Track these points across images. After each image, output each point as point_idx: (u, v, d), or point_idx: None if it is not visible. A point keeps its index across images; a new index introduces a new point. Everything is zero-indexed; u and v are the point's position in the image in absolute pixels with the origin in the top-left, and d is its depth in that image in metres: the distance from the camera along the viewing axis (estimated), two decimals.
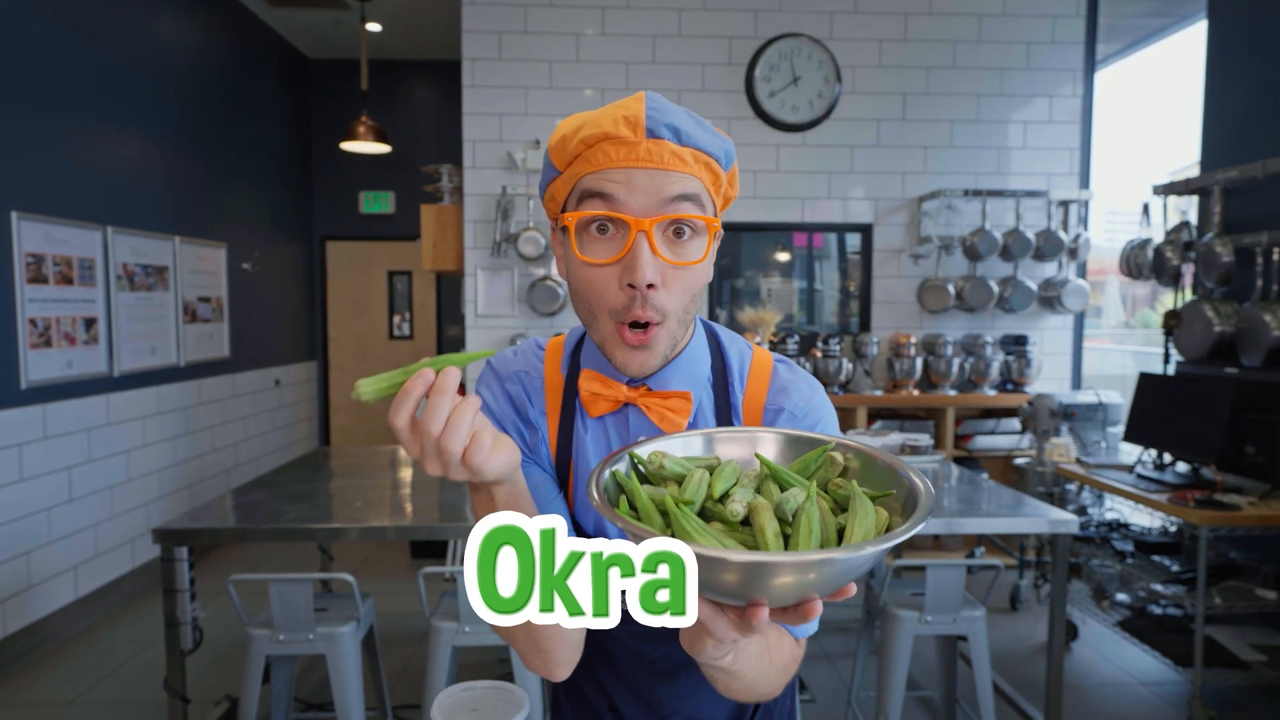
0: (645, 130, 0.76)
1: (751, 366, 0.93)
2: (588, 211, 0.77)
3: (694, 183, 0.78)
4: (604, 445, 0.90)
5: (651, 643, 0.94)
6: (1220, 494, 2.87)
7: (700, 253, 0.79)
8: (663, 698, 0.97)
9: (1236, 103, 3.39)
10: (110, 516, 3.91)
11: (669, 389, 0.87)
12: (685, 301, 0.81)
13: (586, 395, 0.87)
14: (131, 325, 4.06)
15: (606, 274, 0.78)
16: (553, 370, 0.93)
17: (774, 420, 0.89)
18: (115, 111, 3.98)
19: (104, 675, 3.19)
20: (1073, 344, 4.77)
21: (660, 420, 0.85)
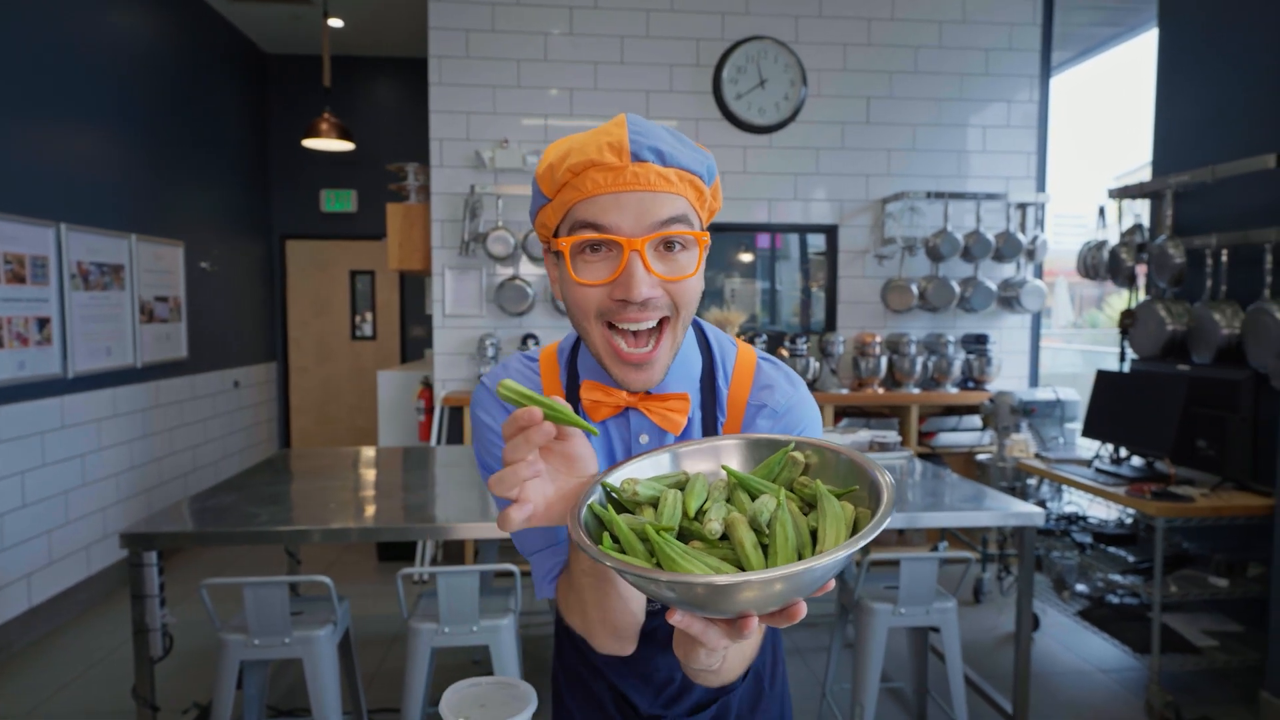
0: (630, 154, 0.79)
1: (736, 363, 0.96)
2: (581, 236, 0.80)
3: (681, 202, 0.81)
4: (606, 446, 0.94)
5: (650, 617, 0.96)
6: (1174, 486, 2.98)
7: (692, 266, 0.82)
8: (660, 668, 1.00)
9: (1186, 110, 3.52)
10: (65, 522, 3.79)
11: (668, 391, 0.90)
12: (685, 312, 0.84)
13: (588, 404, 0.89)
14: (86, 325, 3.94)
15: (600, 291, 0.81)
16: (550, 380, 0.96)
17: (755, 416, 0.93)
18: (68, 106, 3.86)
19: (63, 685, 3.09)
20: (1030, 343, 4.90)
21: (662, 421, 0.88)
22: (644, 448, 0.92)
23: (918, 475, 2.98)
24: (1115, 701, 3.00)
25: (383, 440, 4.82)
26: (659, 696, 1.01)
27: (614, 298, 0.80)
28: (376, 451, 3.47)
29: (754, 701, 1.05)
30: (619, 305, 0.80)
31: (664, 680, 1.01)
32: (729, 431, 0.94)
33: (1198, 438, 3.12)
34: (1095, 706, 2.96)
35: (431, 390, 4.53)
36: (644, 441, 0.93)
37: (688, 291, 0.82)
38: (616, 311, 0.81)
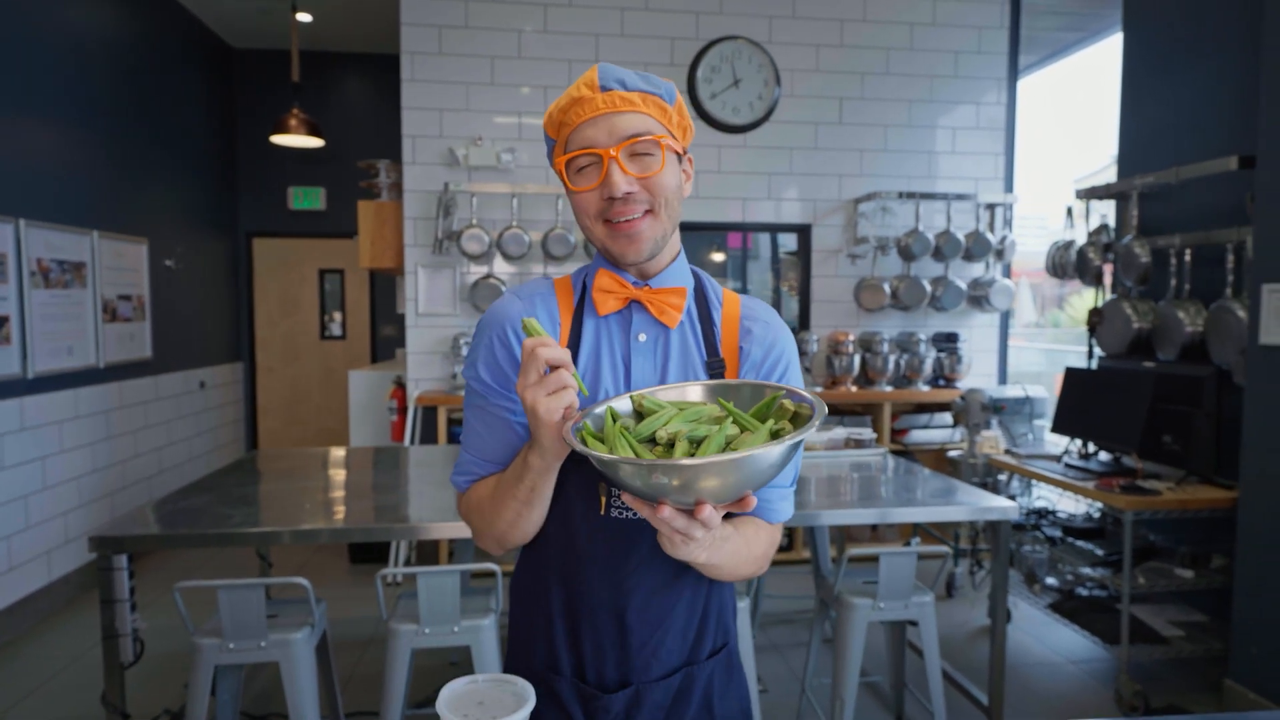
0: (599, 87, 0.98)
1: (724, 294, 1.13)
2: (572, 153, 0.99)
3: (645, 119, 0.99)
4: (608, 339, 1.06)
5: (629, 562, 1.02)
6: (1141, 481, 3.05)
7: (659, 165, 0.98)
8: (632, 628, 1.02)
9: (1151, 112, 3.60)
10: (25, 527, 3.68)
11: (666, 285, 1.05)
12: (664, 199, 0.99)
13: (598, 295, 1.04)
14: (47, 324, 3.83)
15: (592, 195, 0.99)
16: (564, 289, 1.10)
17: (750, 329, 1.08)
18: (27, 100, 3.76)
19: (27, 693, 3.00)
20: (999, 341, 4.98)
21: (660, 314, 1.03)
22: (642, 345, 1.05)
23: (890, 471, 3.01)
24: (1085, 692, 3.06)
25: (354, 441, 4.76)
26: (623, 664, 1.03)
27: (603, 198, 0.98)
28: (348, 452, 3.42)
29: (726, 676, 1.09)
30: (608, 204, 0.98)
31: (631, 645, 1.02)
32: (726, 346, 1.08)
33: (1163, 433, 3.20)
34: (1066, 697, 3.02)
35: (404, 390, 4.48)
36: (641, 340, 1.05)
37: (660, 184, 0.99)
38: (608, 210, 0.98)
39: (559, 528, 1.03)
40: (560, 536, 1.04)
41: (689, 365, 1.05)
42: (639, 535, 1.00)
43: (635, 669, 1.03)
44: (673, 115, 1.02)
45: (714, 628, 1.08)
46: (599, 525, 1.01)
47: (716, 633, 1.08)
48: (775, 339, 1.07)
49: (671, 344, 1.05)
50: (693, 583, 1.05)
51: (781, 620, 3.71)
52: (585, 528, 1.01)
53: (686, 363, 1.05)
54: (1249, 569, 2.76)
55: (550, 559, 1.05)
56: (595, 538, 1.01)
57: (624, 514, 1.00)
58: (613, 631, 1.02)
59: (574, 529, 1.02)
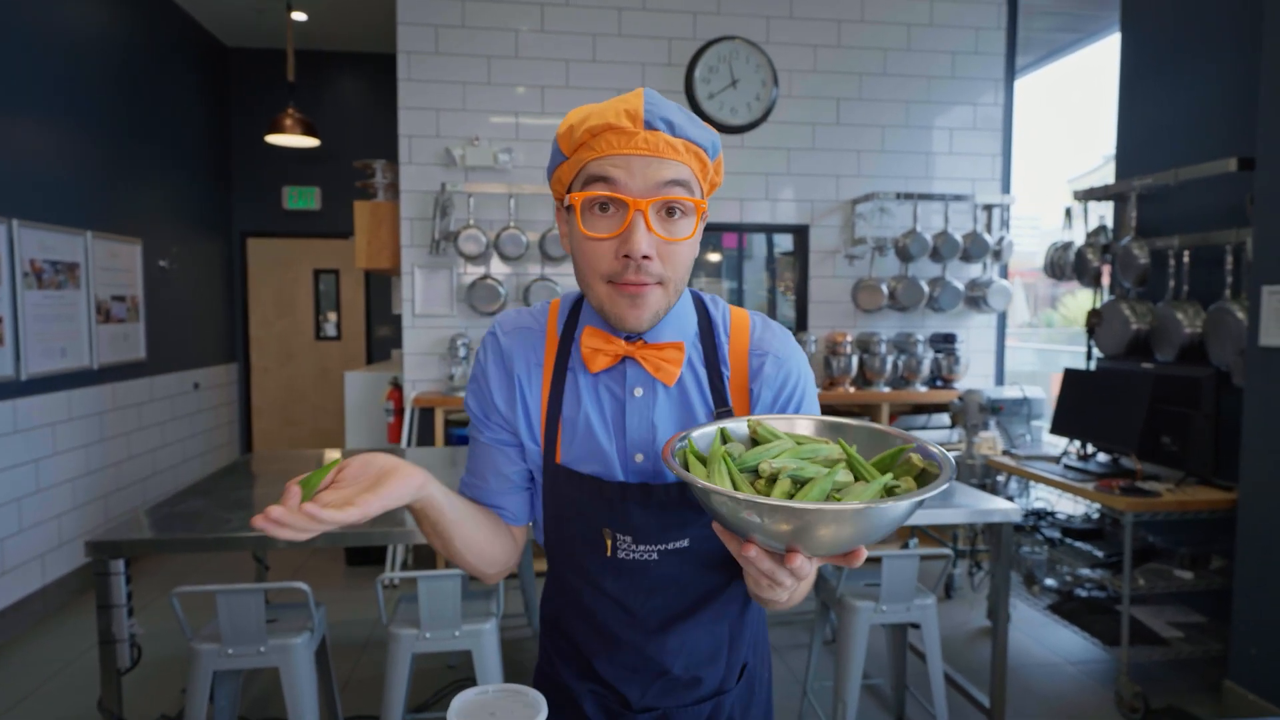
0: (644, 122, 0.86)
1: (732, 320, 1.03)
2: (592, 192, 0.87)
3: (685, 170, 0.88)
4: (599, 398, 0.98)
5: (641, 596, 0.98)
6: (1141, 482, 3.05)
7: (689, 231, 0.90)
8: (652, 658, 1.00)
9: (1149, 113, 3.61)
10: (18, 530, 3.65)
11: (662, 340, 0.96)
12: (678, 272, 0.91)
13: (588, 351, 0.95)
14: (40, 325, 3.80)
15: (606, 246, 0.88)
16: (553, 321, 1.02)
17: (761, 365, 0.99)
18: (19, 100, 3.72)
19: (21, 698, 2.97)
20: (996, 342, 4.99)
21: (655, 370, 0.94)
22: (637, 401, 0.97)
23: None
24: (1085, 693, 3.06)
25: (350, 443, 4.73)
26: (649, 689, 1.01)
27: (618, 254, 0.87)
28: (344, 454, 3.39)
29: (746, 703, 1.07)
30: (622, 265, 0.87)
31: (655, 672, 1.00)
32: (736, 387, 1.00)
33: (1162, 434, 3.20)
34: (1066, 698, 3.02)
35: (401, 391, 4.46)
36: (638, 395, 0.97)
37: (681, 254, 0.90)
38: (619, 273, 0.87)
39: (569, 569, 1.02)
40: (572, 577, 1.02)
41: (691, 419, 0.97)
42: (649, 573, 0.97)
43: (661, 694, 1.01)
44: (710, 171, 0.93)
45: (742, 652, 1.06)
46: (607, 565, 0.98)
47: (744, 656, 1.06)
48: (787, 374, 0.99)
49: (672, 397, 0.97)
50: (715, 611, 1.01)
51: (781, 622, 3.71)
52: (593, 564, 0.99)
53: (689, 419, 0.97)
54: (1248, 570, 2.76)
55: (566, 586, 1.03)
56: (604, 574, 0.98)
57: (630, 555, 0.97)
58: (635, 661, 1.01)
59: (582, 564, 1.00)
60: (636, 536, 0.95)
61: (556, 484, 0.98)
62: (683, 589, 0.98)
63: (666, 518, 0.95)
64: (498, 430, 1.01)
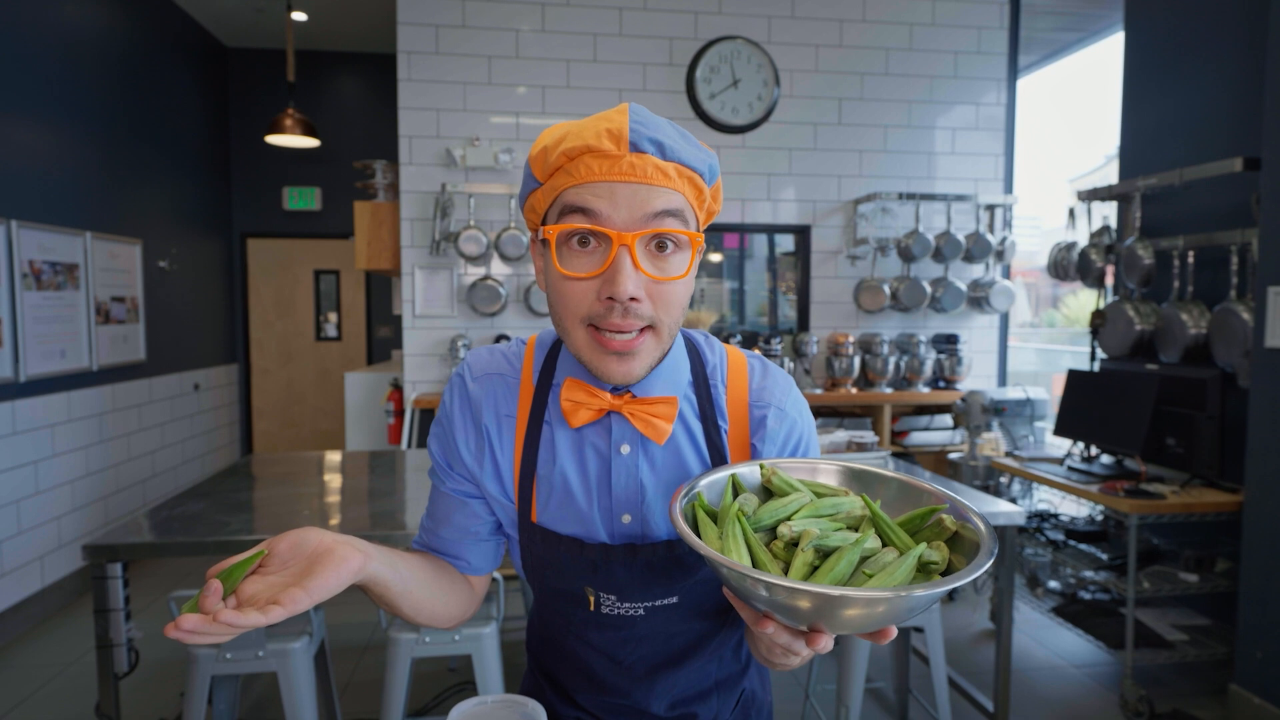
0: (629, 144, 0.75)
1: (729, 366, 0.93)
2: (569, 225, 0.75)
3: (677, 198, 0.77)
4: (581, 454, 0.88)
5: (628, 647, 0.94)
6: (1145, 484, 3.03)
7: (683, 268, 0.78)
8: (638, 701, 0.97)
9: (1153, 113, 3.59)
10: (17, 532, 3.63)
11: (653, 395, 0.86)
12: (671, 315, 0.79)
13: (568, 405, 0.84)
14: (39, 326, 3.78)
15: (586, 287, 0.76)
16: (527, 374, 0.92)
17: (763, 418, 0.90)
18: (18, 100, 3.71)
19: (19, 701, 2.96)
20: (999, 342, 4.97)
21: (645, 427, 0.84)
22: (624, 458, 0.87)
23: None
24: (1090, 696, 3.04)
25: (350, 444, 4.72)
26: None
27: (600, 296, 0.75)
28: (344, 455, 3.38)
29: None
30: (605, 308, 0.76)
31: (644, 713, 0.98)
32: (735, 442, 0.91)
33: (1166, 436, 3.18)
34: (1070, 701, 3.00)
35: (401, 392, 4.45)
36: (625, 452, 0.87)
37: (674, 295, 0.78)
38: (601, 317, 0.76)
39: (551, 618, 0.98)
40: (555, 626, 0.98)
41: (686, 478, 0.88)
42: (635, 626, 0.92)
43: None
44: (706, 198, 0.82)
45: (736, 684, 1.03)
46: (590, 619, 0.92)
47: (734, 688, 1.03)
48: (791, 427, 0.91)
49: (664, 454, 0.88)
50: (707, 655, 0.96)
51: None
52: (577, 621, 0.94)
53: (682, 478, 0.88)
54: (1254, 573, 2.74)
55: (550, 637, 1.00)
56: (587, 627, 0.93)
57: (615, 611, 0.90)
58: (627, 705, 0.98)
59: (565, 623, 0.95)
60: (621, 595, 0.89)
61: (533, 542, 0.91)
62: (671, 639, 0.93)
63: (653, 576, 0.88)
64: (460, 482, 0.93)
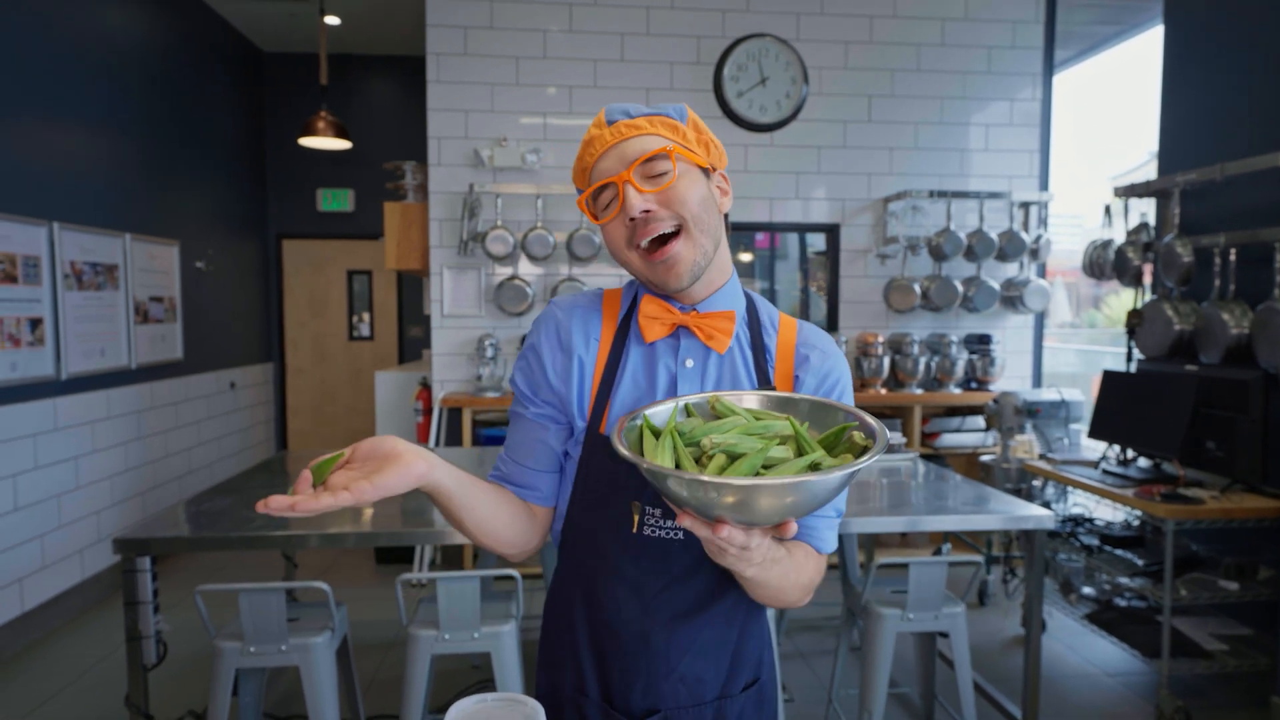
0: (606, 123, 1.00)
1: (780, 319, 1.09)
2: (592, 186, 1.00)
3: (652, 139, 0.97)
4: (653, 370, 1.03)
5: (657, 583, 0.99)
6: (1183, 488, 2.94)
7: (672, 176, 0.96)
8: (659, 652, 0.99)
9: (1193, 107, 3.49)
10: (58, 525, 3.74)
11: (715, 309, 1.03)
12: (690, 210, 0.96)
13: (644, 320, 1.01)
14: (80, 326, 3.89)
15: (617, 224, 0.98)
16: (611, 305, 1.08)
17: (807, 356, 1.05)
18: (61, 104, 3.81)
19: (55, 692, 3.04)
20: (1033, 343, 4.86)
21: (708, 339, 1.00)
22: (689, 371, 1.02)
23: (921, 477, 2.94)
24: (1124, 706, 2.96)
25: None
26: (651, 690, 0.99)
27: (625, 223, 0.96)
28: None
29: (757, 712, 1.06)
30: (631, 228, 0.96)
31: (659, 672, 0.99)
32: (780, 374, 1.04)
33: (1206, 439, 3.08)
34: (1104, 711, 2.92)
35: (430, 391, 4.49)
36: (689, 365, 1.02)
37: (679, 196, 0.96)
38: (634, 234, 0.96)
39: (587, 544, 1.02)
40: (589, 553, 1.02)
41: None
42: (671, 556, 0.98)
43: (664, 695, 0.99)
44: (687, 131, 1.01)
45: (749, 660, 1.04)
46: (629, 543, 0.99)
47: (750, 665, 1.05)
48: (831, 368, 1.04)
49: (722, 370, 1.03)
50: (726, 610, 1.01)
51: (808, 626, 3.65)
52: (616, 545, 0.99)
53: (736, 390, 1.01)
54: None
55: (578, 577, 1.03)
56: (625, 555, 0.99)
57: (657, 533, 0.98)
58: (640, 656, 0.99)
59: (604, 546, 1.00)
60: (666, 510, 0.97)
61: (594, 454, 1.01)
62: (697, 582, 0.99)
63: None
64: (544, 406, 1.05)
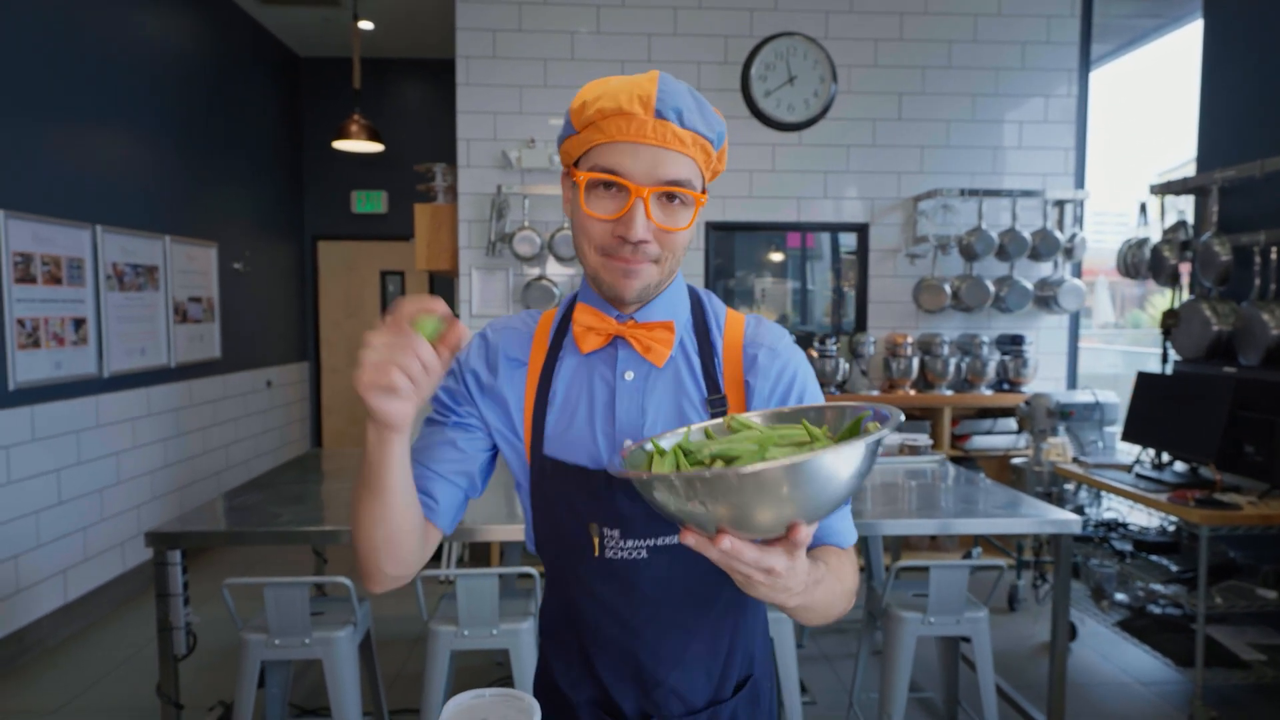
0: (654, 110, 0.87)
1: (726, 317, 1.03)
2: (597, 174, 0.89)
3: (689, 165, 0.90)
4: (590, 384, 0.98)
5: (633, 603, 0.96)
6: (1220, 493, 2.87)
7: (686, 221, 0.91)
8: (646, 666, 0.98)
9: (1233, 102, 3.39)
10: (100, 519, 3.86)
11: (653, 320, 0.97)
12: (675, 253, 0.93)
13: (579, 329, 0.96)
14: (121, 325, 4.00)
15: (606, 225, 0.90)
16: (544, 327, 1.03)
17: (755, 356, 0.99)
18: (104, 110, 3.93)
19: (94, 681, 3.14)
20: (1068, 344, 4.77)
21: (646, 351, 0.95)
22: (628, 384, 0.97)
23: (950, 480, 2.90)
24: (1156, 715, 2.89)
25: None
26: (645, 697, 0.99)
27: (615, 234, 0.89)
28: None
29: (751, 710, 1.04)
30: (617, 243, 0.89)
31: (650, 681, 0.98)
32: (730, 379, 0.99)
33: (1245, 443, 3.00)
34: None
35: None
36: (629, 379, 0.97)
37: (678, 241, 0.92)
38: (615, 249, 0.90)
39: (557, 568, 1.01)
40: (559, 580, 1.01)
41: (684, 404, 0.96)
42: (638, 575, 0.95)
43: (656, 704, 0.99)
44: (713, 161, 0.94)
45: (741, 661, 1.03)
46: (596, 566, 0.95)
47: (742, 665, 1.03)
48: (784, 365, 0.98)
49: (664, 381, 0.97)
50: (712, 623, 0.98)
51: (832, 629, 3.62)
52: (583, 568, 0.96)
53: (681, 402, 0.96)
54: None
55: (561, 605, 1.02)
56: (594, 579, 0.96)
57: (619, 554, 0.94)
58: (628, 670, 0.98)
59: (572, 571, 0.98)
60: (625, 530, 0.93)
61: (543, 478, 0.97)
62: (675, 596, 0.96)
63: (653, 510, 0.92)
64: (464, 417, 1.01)
